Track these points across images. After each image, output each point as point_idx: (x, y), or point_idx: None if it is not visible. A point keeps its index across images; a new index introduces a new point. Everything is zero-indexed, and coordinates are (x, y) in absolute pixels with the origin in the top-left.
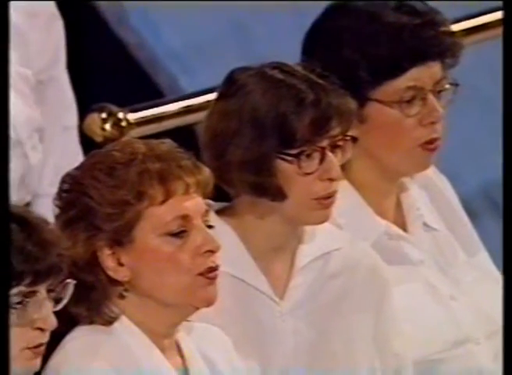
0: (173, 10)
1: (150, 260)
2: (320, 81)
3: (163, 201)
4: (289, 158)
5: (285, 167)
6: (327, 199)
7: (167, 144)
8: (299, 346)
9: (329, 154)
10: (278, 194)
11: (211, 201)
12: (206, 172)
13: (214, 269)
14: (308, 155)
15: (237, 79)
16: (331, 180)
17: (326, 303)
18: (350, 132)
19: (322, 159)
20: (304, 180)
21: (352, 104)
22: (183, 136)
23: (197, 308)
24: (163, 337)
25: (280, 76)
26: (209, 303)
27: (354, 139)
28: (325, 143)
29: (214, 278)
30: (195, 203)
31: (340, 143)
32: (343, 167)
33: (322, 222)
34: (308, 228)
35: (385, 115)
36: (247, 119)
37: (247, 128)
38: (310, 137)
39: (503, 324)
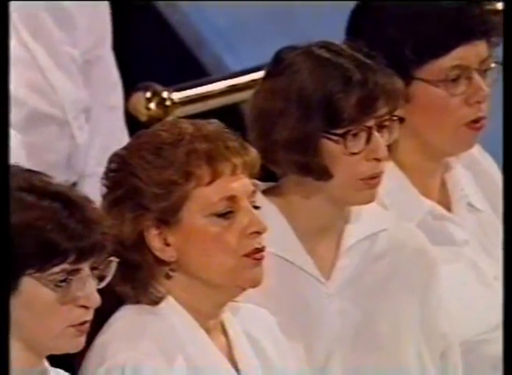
0: None
1: (196, 240)
2: (367, 61)
3: (210, 182)
4: (336, 137)
5: (331, 147)
6: (373, 179)
7: (214, 124)
8: (345, 327)
9: (376, 134)
10: (323, 174)
11: (257, 181)
12: (253, 153)
13: (260, 250)
14: (354, 135)
15: (284, 58)
16: (377, 160)
17: (372, 284)
18: (397, 112)
19: (369, 139)
20: (350, 160)
21: (399, 84)
22: (228, 115)
23: (244, 290)
24: (209, 318)
25: (327, 55)
26: (255, 284)
27: (401, 119)
28: (371, 123)
29: (260, 259)
30: (242, 184)
31: (387, 123)
32: (389, 148)
33: (368, 202)
34: (354, 209)
35: (431, 94)
36: (293, 98)
37: (293, 107)
38: (356, 117)
39: (503, 324)
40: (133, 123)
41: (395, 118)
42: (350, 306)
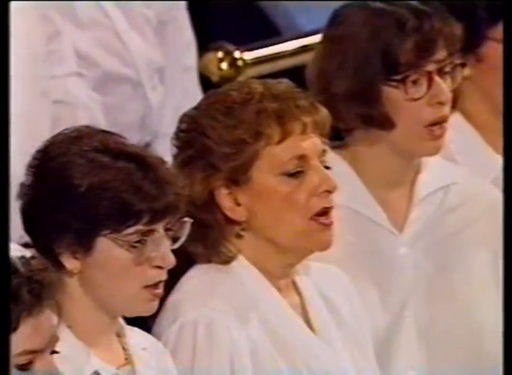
0: None
1: (266, 200)
2: (422, 7)
3: (280, 141)
4: (395, 83)
5: (391, 94)
6: (437, 127)
7: (284, 83)
8: (418, 279)
9: (437, 78)
10: (386, 123)
11: (325, 140)
12: (323, 112)
13: (328, 210)
14: (415, 81)
15: (340, 13)
16: (441, 103)
17: (445, 236)
18: (467, 70)
19: (430, 84)
20: (412, 107)
21: (456, 27)
22: (300, 75)
23: (312, 252)
24: (279, 277)
25: (381, 5)
26: (324, 248)
27: (463, 64)
28: (431, 67)
29: (330, 224)
30: (312, 143)
31: (448, 69)
32: (459, 107)
33: (433, 154)
34: (425, 162)
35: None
36: (349, 50)
37: (350, 59)
38: (414, 61)
39: (503, 324)
40: (205, 83)
41: (457, 63)
42: (424, 257)
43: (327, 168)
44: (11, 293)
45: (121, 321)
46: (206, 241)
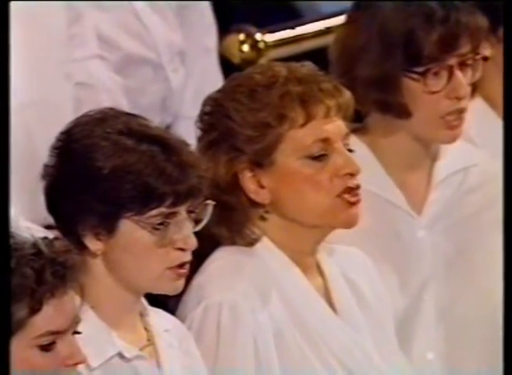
0: None
1: (290, 182)
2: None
3: (304, 124)
4: (416, 76)
5: (411, 85)
6: (454, 117)
7: (308, 66)
8: (437, 261)
9: (457, 72)
10: (403, 112)
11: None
12: (347, 95)
13: (354, 189)
14: (436, 73)
15: None
16: (458, 98)
17: (464, 218)
18: (488, 51)
19: (450, 78)
20: (431, 99)
21: (482, 22)
22: (321, 57)
23: (336, 228)
24: (303, 257)
25: None
26: (350, 225)
27: (485, 58)
28: (453, 61)
29: (356, 202)
30: (336, 126)
31: (470, 61)
32: (479, 88)
33: (450, 142)
34: (445, 145)
35: None
36: (375, 35)
37: (374, 44)
38: (437, 55)
39: (503, 324)
40: (226, 65)
41: (478, 56)
42: (442, 239)
43: (350, 151)
44: (34, 275)
45: (144, 302)
46: (230, 223)
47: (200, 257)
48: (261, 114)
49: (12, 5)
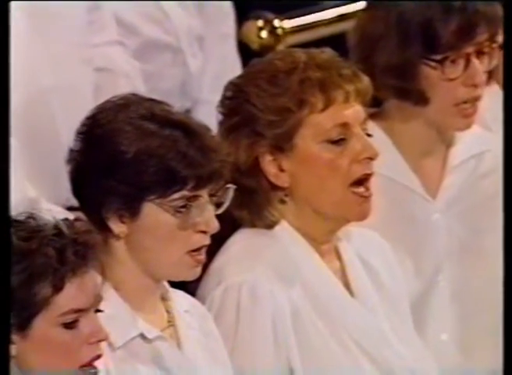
0: None
1: (309, 166)
2: None
3: (323, 109)
4: (434, 63)
5: (429, 72)
6: (469, 105)
7: (327, 52)
8: (451, 243)
9: (474, 60)
10: (420, 99)
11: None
12: (365, 80)
13: (369, 176)
14: (453, 61)
15: None
16: (475, 86)
17: (478, 202)
18: (498, 38)
19: (467, 65)
20: (448, 86)
21: (499, 10)
22: (338, 43)
23: (350, 221)
24: (321, 243)
25: None
26: (362, 218)
27: (502, 47)
28: (470, 49)
29: (368, 196)
30: (354, 111)
31: (487, 49)
32: (495, 75)
33: (464, 129)
34: (458, 132)
35: None
36: (393, 23)
37: (393, 32)
38: (455, 44)
39: (503, 324)
40: (245, 51)
41: (495, 44)
42: (457, 223)
43: (369, 135)
44: (56, 255)
45: (165, 284)
46: (251, 206)
47: (219, 240)
48: (282, 99)
49: None
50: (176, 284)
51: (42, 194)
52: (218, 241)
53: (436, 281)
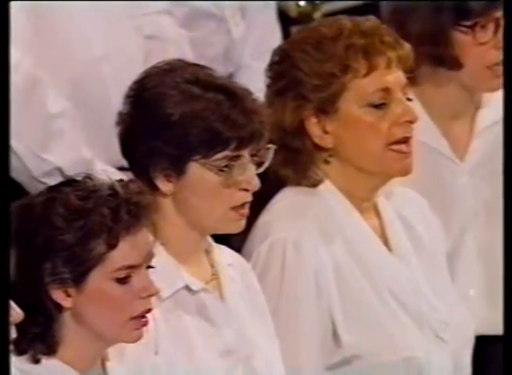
0: None
1: (352, 129)
2: None
3: (366, 74)
4: (465, 29)
5: (461, 38)
6: (500, 67)
7: (371, 20)
8: (477, 204)
9: (503, 23)
10: (454, 64)
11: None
12: (407, 47)
13: (409, 138)
14: (483, 26)
15: None
16: None
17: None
18: None
19: (497, 29)
20: (479, 50)
21: None
22: (371, 12)
23: (393, 177)
24: (362, 201)
25: None
26: (404, 173)
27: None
28: (499, 14)
29: (409, 152)
30: (396, 77)
31: None
32: None
33: (496, 90)
34: (487, 95)
35: None
36: None
37: (426, 1)
38: (484, 9)
39: (504, 324)
40: (283, 18)
41: None
42: (483, 185)
43: (409, 100)
44: (111, 214)
45: (209, 239)
46: (296, 165)
47: (265, 198)
48: (327, 64)
49: None
50: (219, 240)
51: (96, 155)
52: (263, 199)
53: (463, 240)
